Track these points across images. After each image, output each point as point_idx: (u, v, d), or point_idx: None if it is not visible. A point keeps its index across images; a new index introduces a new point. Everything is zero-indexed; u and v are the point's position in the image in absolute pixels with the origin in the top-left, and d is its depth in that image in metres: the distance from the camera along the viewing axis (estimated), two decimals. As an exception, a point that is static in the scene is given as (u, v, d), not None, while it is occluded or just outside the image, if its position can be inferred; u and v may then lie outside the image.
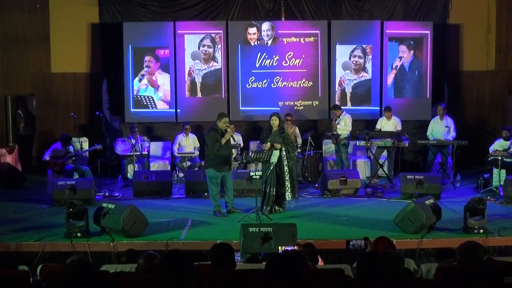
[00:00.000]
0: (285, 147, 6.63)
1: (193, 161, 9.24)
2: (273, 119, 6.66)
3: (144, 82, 9.91)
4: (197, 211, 6.95)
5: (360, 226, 6.14)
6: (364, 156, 9.37)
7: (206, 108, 9.86)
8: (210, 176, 6.63)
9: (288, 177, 6.58)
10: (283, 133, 6.66)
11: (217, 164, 6.56)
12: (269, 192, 6.63)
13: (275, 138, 6.62)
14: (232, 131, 6.68)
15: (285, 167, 6.57)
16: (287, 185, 6.59)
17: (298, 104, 9.99)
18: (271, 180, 6.61)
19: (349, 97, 10.00)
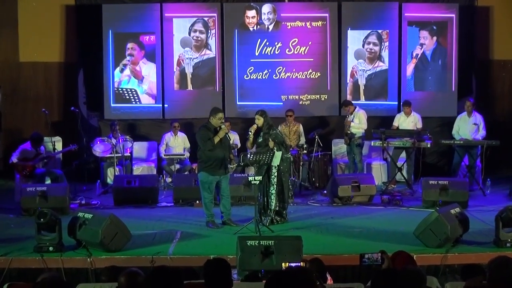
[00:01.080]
0: (277, 147, 6.65)
1: (183, 164, 9.24)
2: (256, 118, 6.71)
3: (127, 73, 9.92)
4: (188, 222, 6.95)
5: (375, 239, 6.15)
6: (379, 158, 9.37)
7: (198, 103, 9.86)
8: (202, 181, 6.62)
9: (276, 182, 6.57)
10: (268, 132, 6.67)
11: (211, 167, 6.55)
12: (263, 201, 6.67)
13: (263, 141, 6.68)
14: (227, 129, 6.65)
15: (273, 169, 6.56)
16: (271, 191, 6.58)
17: (304, 98, 10.00)
18: (265, 188, 6.64)
19: (362, 90, 10.01)
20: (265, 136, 6.67)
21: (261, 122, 6.70)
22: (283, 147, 6.70)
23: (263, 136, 6.69)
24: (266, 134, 6.68)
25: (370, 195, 7.95)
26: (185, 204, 7.84)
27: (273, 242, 5.10)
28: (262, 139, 6.69)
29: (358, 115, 9.06)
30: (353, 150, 9.03)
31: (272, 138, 6.64)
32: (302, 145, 8.94)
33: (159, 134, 9.74)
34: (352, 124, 8.93)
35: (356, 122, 8.98)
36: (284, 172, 6.66)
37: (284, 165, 6.65)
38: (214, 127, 6.57)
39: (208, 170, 6.55)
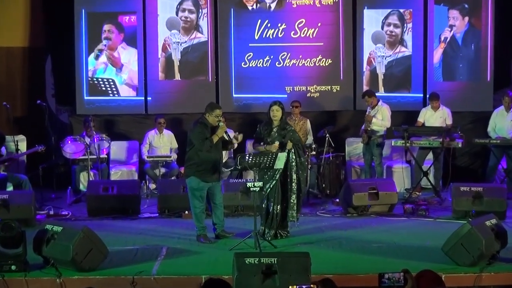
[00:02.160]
0: (294, 148, 6.63)
1: (169, 167, 9.23)
2: (274, 109, 6.65)
3: (103, 60, 9.91)
4: (175, 236, 6.96)
5: (396, 256, 6.15)
6: (402, 160, 9.37)
7: (187, 96, 9.86)
8: (192, 187, 6.63)
9: (296, 189, 6.60)
10: (286, 129, 6.66)
11: (203, 171, 6.55)
12: (272, 210, 6.64)
13: (277, 137, 6.66)
14: (225, 128, 6.68)
15: (293, 175, 6.57)
16: (292, 201, 6.59)
17: (312, 89, 10.01)
18: (275, 194, 6.62)
19: (381, 80, 10.03)
20: (282, 132, 6.62)
21: (279, 115, 6.66)
22: (299, 149, 6.67)
23: (279, 132, 6.64)
24: (283, 130, 6.63)
25: (391, 204, 7.96)
26: (172, 214, 7.86)
27: (276, 259, 5.10)
28: (276, 136, 6.64)
29: (382, 110, 9.05)
30: (371, 151, 9.04)
31: (289, 136, 6.60)
32: (310, 145, 8.94)
33: (141, 132, 9.75)
34: (374, 120, 8.93)
35: (378, 118, 8.97)
36: (302, 179, 6.66)
37: (302, 170, 6.66)
38: (211, 125, 6.58)
39: (199, 175, 6.55)
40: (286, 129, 6.67)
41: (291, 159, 6.62)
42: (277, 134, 6.66)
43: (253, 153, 6.74)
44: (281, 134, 6.65)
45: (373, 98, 9.04)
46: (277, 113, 6.65)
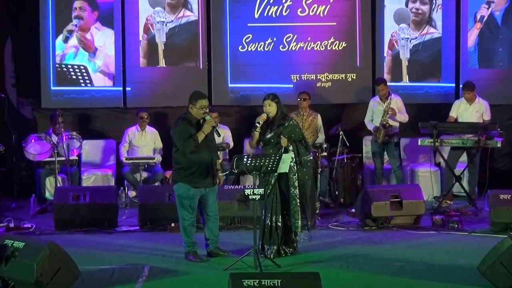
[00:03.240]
0: (293, 145, 6.61)
1: (153, 171, 9.24)
2: (266, 104, 6.68)
3: (73, 43, 9.93)
4: (159, 253, 6.96)
5: (424, 277, 6.11)
6: (430, 163, 9.39)
7: (174, 86, 9.88)
8: (180, 195, 6.59)
9: (297, 194, 6.61)
10: (284, 125, 6.67)
11: (192, 176, 6.51)
12: (270, 223, 6.66)
13: (272, 137, 6.68)
14: (213, 121, 6.59)
15: (293, 178, 6.59)
16: (295, 208, 6.61)
17: (323, 78, 10.02)
18: (272, 203, 6.62)
19: (405, 67, 10.05)
20: (278, 130, 6.67)
21: (273, 110, 6.67)
22: (303, 146, 6.68)
23: (275, 130, 6.67)
24: (280, 127, 6.67)
25: (417, 215, 7.95)
26: (156, 228, 7.85)
27: (279, 281, 5.01)
28: (272, 135, 6.68)
29: (397, 102, 9.11)
30: (389, 151, 9.06)
31: (286, 133, 6.62)
32: (321, 144, 8.94)
33: (119, 129, 9.77)
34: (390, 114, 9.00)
35: None
36: (305, 182, 6.64)
37: (304, 170, 6.64)
38: (196, 120, 6.54)
39: (189, 181, 6.49)
40: (283, 125, 6.67)
41: None
42: (273, 133, 6.67)
43: (253, 154, 6.73)
44: (276, 132, 6.66)
45: (383, 87, 9.11)
46: (270, 108, 6.66)
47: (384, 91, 9.11)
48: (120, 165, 9.53)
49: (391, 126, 8.95)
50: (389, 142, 9.05)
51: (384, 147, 9.14)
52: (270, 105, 6.66)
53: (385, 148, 9.14)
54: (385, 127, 8.95)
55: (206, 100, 6.53)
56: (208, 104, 6.59)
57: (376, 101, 9.26)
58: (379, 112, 9.10)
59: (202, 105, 6.46)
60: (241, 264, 6.31)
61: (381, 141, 9.04)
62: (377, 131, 9.05)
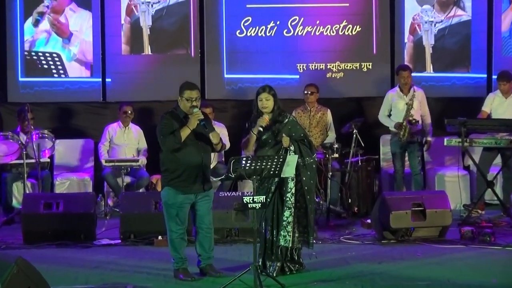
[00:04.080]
0: (295, 145, 6.61)
1: (136, 175, 9.25)
2: (263, 99, 6.67)
3: (44, 27, 9.94)
4: (144, 270, 6.94)
5: (451, 299, 6.11)
6: (458, 166, 9.39)
7: (161, 77, 9.90)
8: (166, 202, 6.56)
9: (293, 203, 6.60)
10: (281, 122, 6.68)
11: (180, 180, 6.48)
12: (272, 237, 6.68)
13: (269, 136, 6.69)
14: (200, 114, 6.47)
15: (289, 183, 6.58)
16: (288, 219, 6.60)
17: (334, 68, 10.03)
18: (273, 214, 6.64)
19: (429, 55, 10.07)
20: (276, 128, 6.65)
21: (271, 106, 6.66)
22: (306, 146, 6.65)
23: (272, 128, 6.66)
24: (277, 124, 6.66)
25: (443, 227, 7.94)
26: (140, 241, 7.85)
27: (284, 303, 5.06)
28: (269, 134, 6.67)
29: (419, 96, 9.09)
30: (411, 152, 9.07)
31: (286, 131, 6.61)
32: (331, 144, 8.92)
33: (98, 126, 9.78)
34: (413, 110, 9.00)
35: (415, 107, 9.03)
36: (310, 188, 6.62)
37: (308, 174, 6.61)
38: (184, 114, 6.52)
39: (175, 185, 6.47)
40: (280, 122, 6.66)
41: None
42: (269, 132, 6.66)
43: (252, 156, 6.66)
44: (273, 132, 6.64)
45: (407, 74, 9.08)
46: (267, 103, 6.65)
47: (408, 80, 9.08)
48: (99, 169, 9.54)
49: (417, 121, 8.92)
50: (413, 141, 9.04)
51: (406, 148, 9.11)
52: (268, 99, 6.64)
53: (407, 148, 9.11)
54: (411, 123, 8.92)
55: (195, 91, 6.49)
56: (199, 96, 6.53)
57: (395, 93, 9.24)
58: (400, 106, 9.07)
59: (188, 97, 6.45)
60: (239, 283, 6.28)
61: (405, 140, 9.01)
62: (400, 128, 9.02)
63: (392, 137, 9.24)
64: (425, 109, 9.20)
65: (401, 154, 9.20)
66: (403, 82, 9.12)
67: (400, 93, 9.17)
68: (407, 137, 8.99)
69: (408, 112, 8.96)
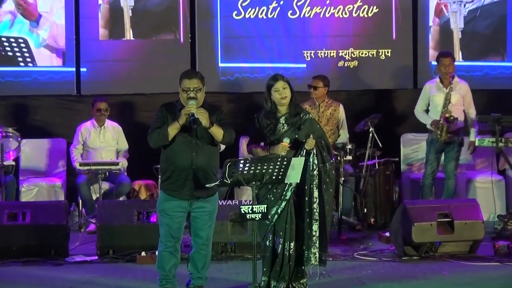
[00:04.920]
0: (317, 148, 6.63)
1: (116, 180, 9.27)
2: (280, 88, 6.70)
3: (8, 8, 9.98)
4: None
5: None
6: (491, 170, 9.43)
7: (145, 65, 9.96)
8: (157, 208, 6.63)
9: (319, 214, 6.63)
10: (300, 117, 6.72)
11: (168, 183, 6.53)
12: (282, 251, 6.68)
13: (287, 132, 6.70)
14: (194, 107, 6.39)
15: (314, 192, 6.60)
16: (314, 234, 6.62)
17: (347, 55, 10.08)
18: (285, 225, 6.67)
19: (457, 41, 10.12)
20: (295, 121, 6.67)
21: (289, 94, 6.68)
22: (324, 149, 6.67)
23: (288, 123, 6.69)
24: (297, 117, 6.68)
25: (473, 241, 7.94)
26: (120, 258, 7.85)
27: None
28: (287, 130, 6.69)
29: (463, 89, 9.09)
30: (449, 154, 9.09)
31: (306, 130, 6.64)
32: (344, 145, 8.93)
33: (71, 124, 9.82)
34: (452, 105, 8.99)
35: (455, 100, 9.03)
36: (329, 197, 6.65)
37: (328, 181, 6.65)
38: (182, 108, 6.48)
39: (165, 188, 6.51)
40: (300, 117, 6.68)
41: (310, 166, 6.59)
42: (287, 126, 6.67)
43: (251, 158, 6.62)
44: (293, 125, 6.64)
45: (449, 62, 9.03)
46: (285, 91, 6.67)
47: (449, 69, 9.04)
48: (72, 173, 9.52)
49: (456, 119, 8.90)
50: (452, 141, 9.02)
51: (444, 149, 9.12)
52: (285, 88, 6.65)
53: (444, 149, 9.13)
54: (450, 121, 8.90)
55: (194, 81, 6.47)
56: (199, 86, 6.47)
57: (434, 84, 9.19)
58: (439, 100, 9.05)
59: (186, 87, 6.44)
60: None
61: (443, 140, 9.01)
62: (436, 126, 9.00)
63: (428, 136, 9.21)
64: (469, 105, 9.16)
65: (436, 156, 9.18)
66: (443, 71, 9.07)
67: (439, 84, 9.12)
68: (445, 137, 8.99)
69: (446, 108, 8.95)
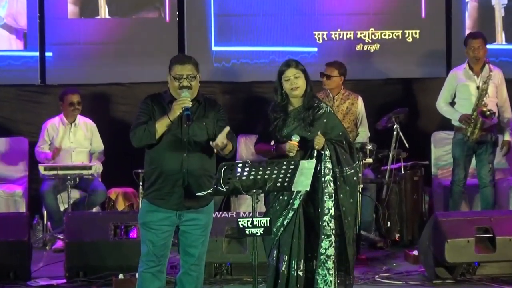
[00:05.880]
0: (330, 149, 6.69)
1: (89, 188, 9.34)
2: (291, 76, 6.80)
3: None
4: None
5: None
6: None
7: (124, 49, 10.07)
8: (139, 220, 6.57)
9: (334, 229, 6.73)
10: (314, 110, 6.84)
11: (152, 189, 6.49)
12: (288, 271, 6.76)
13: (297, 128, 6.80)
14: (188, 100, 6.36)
15: (328, 202, 6.65)
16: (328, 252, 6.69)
17: (367, 37, 10.18)
18: (293, 240, 6.77)
19: (500, 20, 10.22)
20: (307, 116, 6.77)
21: (302, 85, 6.77)
22: (344, 150, 6.77)
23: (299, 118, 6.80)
24: (311, 111, 6.78)
25: (520, 262, 7.95)
26: (93, 281, 7.92)
27: None
28: (297, 125, 6.79)
29: (496, 78, 9.12)
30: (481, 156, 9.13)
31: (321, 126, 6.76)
32: (363, 145, 8.96)
33: (35, 119, 9.96)
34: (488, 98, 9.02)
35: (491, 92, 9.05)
36: (347, 208, 6.71)
37: (347, 190, 6.75)
38: (171, 99, 6.46)
39: (149, 196, 6.49)
40: (313, 111, 6.72)
41: (323, 170, 6.69)
42: (297, 121, 6.78)
43: (252, 161, 6.55)
44: (303, 120, 6.74)
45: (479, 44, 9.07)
46: (297, 81, 6.76)
47: (480, 53, 9.06)
48: (35, 180, 9.60)
49: (494, 113, 8.94)
50: (485, 141, 9.04)
51: (475, 150, 9.17)
52: (297, 77, 6.72)
53: (476, 150, 9.17)
54: (485, 115, 8.91)
55: (187, 67, 6.42)
56: (193, 74, 6.43)
57: (462, 72, 9.22)
58: (468, 91, 9.03)
59: (177, 74, 6.39)
60: None
61: (475, 139, 9.01)
62: (468, 122, 8.98)
63: (455, 135, 9.25)
64: (503, 96, 9.25)
65: (467, 158, 9.22)
66: (473, 56, 9.13)
67: (469, 72, 9.16)
68: (477, 135, 9.00)
69: (481, 100, 8.95)
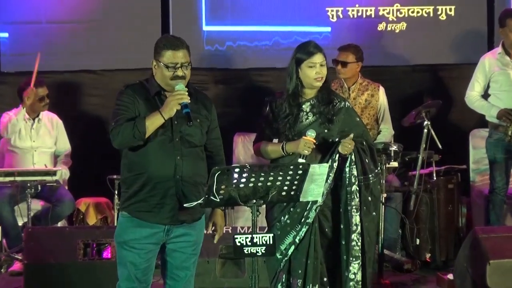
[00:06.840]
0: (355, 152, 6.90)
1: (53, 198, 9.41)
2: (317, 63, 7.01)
3: None
4: None
5: None
6: None
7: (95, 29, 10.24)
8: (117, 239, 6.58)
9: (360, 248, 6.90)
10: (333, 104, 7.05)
11: (135, 200, 6.50)
12: None
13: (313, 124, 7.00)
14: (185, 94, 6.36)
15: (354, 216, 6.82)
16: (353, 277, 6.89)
17: (391, 14, 10.26)
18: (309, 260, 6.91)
19: None
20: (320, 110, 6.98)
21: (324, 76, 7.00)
22: (366, 154, 6.91)
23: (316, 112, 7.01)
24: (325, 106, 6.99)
25: None
26: None
27: None
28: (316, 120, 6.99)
29: None
30: None
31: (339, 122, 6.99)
32: (386, 146, 9.13)
33: None
34: None
35: None
36: (369, 223, 6.91)
37: (370, 201, 6.92)
38: (158, 90, 6.47)
39: (130, 208, 6.50)
40: (333, 105, 6.80)
41: (347, 178, 6.84)
42: (314, 116, 6.92)
43: (252, 165, 6.56)
44: (322, 114, 6.89)
45: None
46: (322, 70, 7.00)
47: None
48: None
49: None
50: None
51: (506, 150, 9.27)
52: (323, 65, 6.98)
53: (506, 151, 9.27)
54: None
55: (181, 52, 6.42)
56: (188, 61, 6.44)
57: (497, 58, 9.26)
58: (506, 81, 9.10)
59: (170, 61, 6.35)
60: None
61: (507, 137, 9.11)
62: (508, 119, 8.98)
63: (492, 134, 9.28)
64: None
65: (506, 161, 9.25)
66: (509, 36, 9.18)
67: (506, 58, 9.28)
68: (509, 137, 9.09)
69: None
